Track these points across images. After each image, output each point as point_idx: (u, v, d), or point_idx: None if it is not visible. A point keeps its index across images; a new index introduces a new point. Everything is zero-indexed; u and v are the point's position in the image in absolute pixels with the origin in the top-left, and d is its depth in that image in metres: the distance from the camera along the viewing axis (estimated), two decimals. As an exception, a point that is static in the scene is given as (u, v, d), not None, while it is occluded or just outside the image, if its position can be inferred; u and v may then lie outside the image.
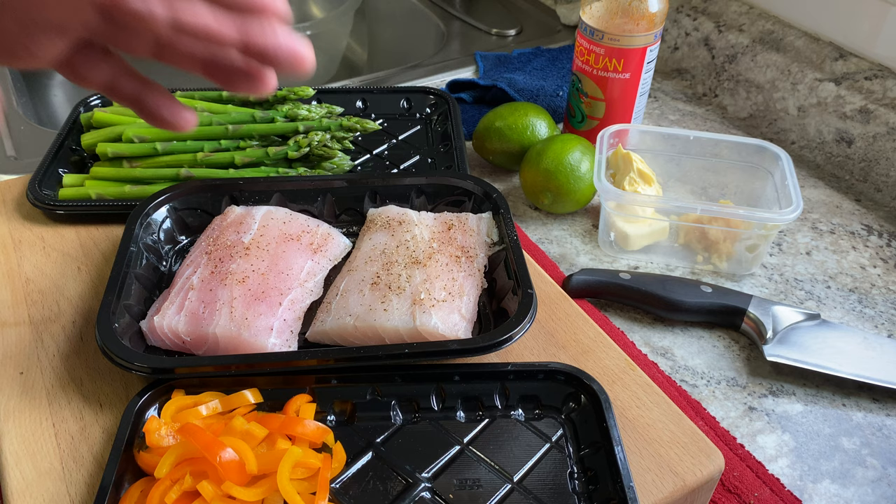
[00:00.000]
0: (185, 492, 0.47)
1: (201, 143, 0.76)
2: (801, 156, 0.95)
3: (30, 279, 0.66)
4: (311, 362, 0.54)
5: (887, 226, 0.84)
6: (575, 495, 0.50)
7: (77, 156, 0.79)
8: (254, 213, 0.67)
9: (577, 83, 0.87)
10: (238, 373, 0.54)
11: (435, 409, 0.55)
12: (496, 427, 0.54)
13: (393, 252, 0.63)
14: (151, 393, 0.53)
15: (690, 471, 0.52)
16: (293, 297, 0.61)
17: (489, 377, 0.56)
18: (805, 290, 0.75)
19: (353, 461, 0.51)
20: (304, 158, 0.77)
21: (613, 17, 0.80)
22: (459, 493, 0.50)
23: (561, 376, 0.56)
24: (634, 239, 0.76)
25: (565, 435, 0.54)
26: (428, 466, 0.51)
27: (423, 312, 0.57)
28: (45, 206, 0.71)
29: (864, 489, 0.58)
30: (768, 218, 0.70)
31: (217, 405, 0.53)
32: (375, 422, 0.54)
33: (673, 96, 1.06)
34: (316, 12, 1.46)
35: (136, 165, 0.75)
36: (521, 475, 0.51)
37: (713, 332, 0.70)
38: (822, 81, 0.91)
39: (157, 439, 0.49)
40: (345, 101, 0.88)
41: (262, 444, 0.50)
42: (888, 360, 0.66)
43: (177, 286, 0.61)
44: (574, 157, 0.78)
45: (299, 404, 0.53)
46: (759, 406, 0.64)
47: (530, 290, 0.58)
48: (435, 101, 0.89)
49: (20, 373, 0.58)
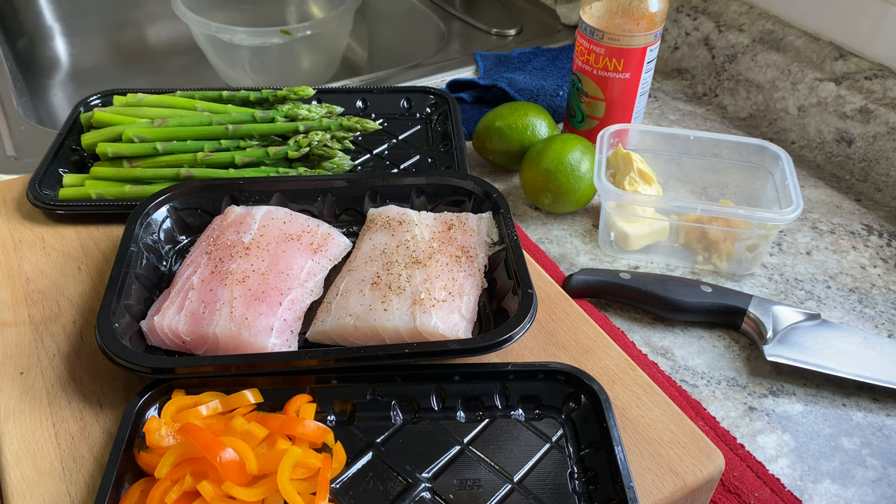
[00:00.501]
0: (185, 492, 0.47)
1: (201, 143, 0.76)
2: (801, 156, 0.95)
3: (30, 279, 0.66)
4: (311, 362, 0.54)
5: (887, 226, 0.84)
6: (575, 495, 0.50)
7: (77, 156, 0.79)
8: (254, 212, 0.67)
9: (577, 83, 0.87)
10: (238, 373, 0.54)
11: (435, 409, 0.55)
12: (496, 427, 0.54)
13: (393, 252, 0.63)
14: (151, 393, 0.53)
15: (690, 471, 0.52)
16: (293, 296, 0.61)
17: (489, 377, 0.56)
18: (805, 290, 0.75)
19: (353, 461, 0.51)
20: (304, 158, 0.77)
21: (613, 17, 0.80)
22: (460, 494, 0.50)
23: (561, 376, 0.56)
24: (634, 239, 0.76)
25: (565, 435, 0.54)
26: (428, 466, 0.51)
27: (423, 312, 0.57)
28: (45, 205, 0.71)
29: (864, 489, 0.58)
30: (768, 218, 0.70)
31: (217, 405, 0.53)
32: (375, 422, 0.54)
33: (673, 96, 1.06)
34: (316, 12, 1.46)
35: (136, 165, 0.75)
36: (522, 475, 0.51)
37: (713, 332, 0.70)
38: (822, 81, 0.91)
39: (157, 439, 0.49)
40: (345, 101, 0.88)
41: (262, 445, 0.50)
42: (888, 360, 0.66)
43: (177, 286, 0.61)
44: (574, 156, 0.78)
45: (299, 404, 0.53)
46: (759, 406, 0.64)
47: (530, 290, 0.58)
48: (435, 101, 0.89)
49: (20, 373, 0.58)
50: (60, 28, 1.41)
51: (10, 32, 1.35)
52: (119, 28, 1.46)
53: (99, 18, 1.43)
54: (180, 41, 1.47)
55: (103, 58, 1.44)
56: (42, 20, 1.40)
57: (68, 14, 1.41)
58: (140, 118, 0.78)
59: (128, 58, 1.46)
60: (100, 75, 1.42)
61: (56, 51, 1.41)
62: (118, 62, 1.45)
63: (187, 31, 1.34)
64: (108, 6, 1.44)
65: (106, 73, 1.42)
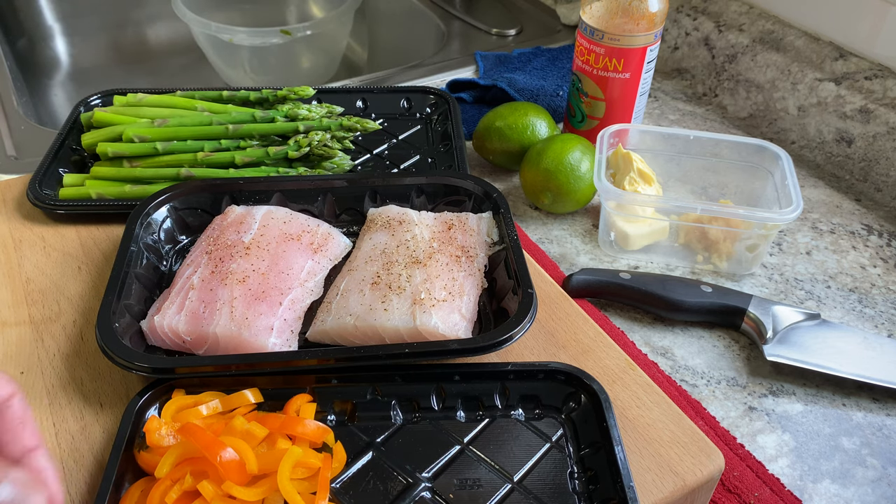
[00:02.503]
0: (185, 491, 0.47)
1: (202, 143, 0.76)
2: (801, 156, 0.95)
3: (30, 279, 0.66)
4: (311, 362, 0.54)
5: (887, 226, 0.84)
6: (575, 495, 0.50)
7: (77, 155, 0.79)
8: (254, 212, 0.67)
9: (577, 83, 0.87)
10: (238, 373, 0.54)
11: (435, 408, 0.55)
12: (496, 427, 0.54)
13: (393, 252, 0.63)
14: (152, 393, 0.53)
15: (690, 471, 0.52)
16: (293, 296, 0.61)
17: (489, 377, 0.56)
18: (805, 290, 0.75)
19: (353, 461, 0.51)
20: (304, 158, 0.77)
21: (613, 17, 0.80)
22: (459, 493, 0.50)
23: (561, 376, 0.56)
24: (634, 239, 0.76)
25: (565, 435, 0.54)
26: (428, 466, 0.51)
27: (423, 312, 0.57)
28: (46, 205, 0.71)
29: (864, 489, 0.58)
30: (768, 218, 0.70)
31: (217, 405, 0.53)
32: (375, 421, 0.54)
33: (673, 96, 1.06)
34: (316, 12, 1.46)
35: (136, 165, 0.75)
36: (522, 475, 0.51)
37: (713, 332, 0.70)
38: (822, 81, 0.91)
39: (157, 439, 0.49)
40: (345, 101, 0.88)
41: (262, 444, 0.50)
42: (888, 360, 0.66)
43: (177, 286, 0.61)
44: (574, 156, 0.78)
45: (299, 404, 0.53)
46: (759, 406, 0.64)
47: (530, 290, 0.58)
48: (435, 101, 0.89)
49: (21, 372, 0.58)
50: (60, 28, 1.41)
51: (10, 32, 1.35)
52: (119, 28, 1.46)
53: (99, 18, 1.43)
54: (180, 41, 1.47)
55: (103, 58, 1.44)
56: (42, 20, 1.40)
57: (68, 14, 1.41)
58: (140, 118, 0.78)
59: (128, 58, 1.46)
60: (100, 75, 1.42)
61: (56, 51, 1.41)
62: (118, 62, 1.45)
63: (187, 31, 1.34)
64: (108, 6, 1.44)
65: (106, 73, 1.42)
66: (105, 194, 0.73)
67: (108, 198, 0.73)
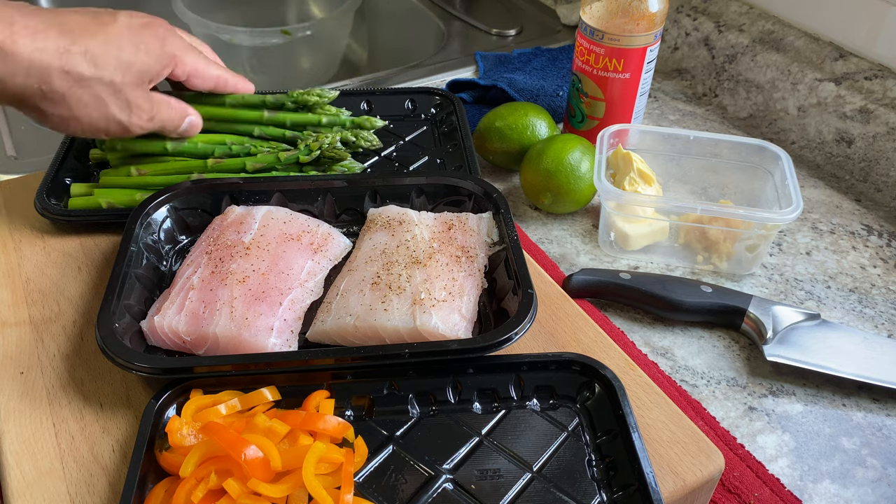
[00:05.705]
0: (210, 490, 0.47)
1: (212, 147, 0.74)
2: (801, 156, 0.95)
3: (30, 279, 0.66)
4: (313, 362, 0.54)
5: (887, 226, 0.84)
6: (594, 482, 0.51)
7: (83, 162, 0.78)
8: (254, 212, 0.67)
9: (577, 83, 0.87)
10: (237, 372, 0.54)
11: (451, 401, 0.56)
12: (512, 417, 0.55)
13: (393, 252, 0.64)
14: (169, 393, 0.53)
15: (690, 471, 0.52)
16: (293, 296, 0.61)
17: (503, 369, 0.56)
18: (805, 290, 0.75)
19: (373, 455, 0.52)
20: (314, 162, 0.76)
21: (613, 17, 0.80)
22: (481, 484, 0.50)
23: (575, 366, 0.56)
24: (634, 239, 0.76)
25: (581, 423, 0.55)
26: (448, 458, 0.52)
27: (423, 312, 0.57)
28: (55, 216, 0.70)
29: (864, 489, 0.58)
30: (768, 218, 0.70)
31: (236, 403, 0.53)
32: (393, 416, 0.55)
33: (673, 96, 1.06)
34: (316, 12, 1.46)
35: (144, 172, 0.73)
36: (541, 464, 0.52)
37: (713, 332, 0.70)
38: (822, 81, 0.91)
39: (179, 439, 0.49)
40: (349, 103, 0.87)
41: (283, 441, 0.50)
42: (888, 360, 0.66)
43: (177, 286, 0.61)
44: (574, 157, 0.78)
45: (319, 400, 0.53)
46: (759, 406, 0.64)
47: (530, 290, 0.58)
48: (440, 102, 0.89)
49: (20, 373, 0.58)
50: (60, 28, 1.41)
51: (10, 32, 1.34)
52: (119, 28, 1.45)
53: (99, 18, 1.43)
54: (180, 41, 1.46)
55: (103, 58, 1.44)
56: (42, 20, 1.39)
57: (68, 14, 1.40)
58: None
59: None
60: (100, 75, 1.41)
61: (56, 51, 1.41)
62: (118, 62, 1.44)
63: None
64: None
65: (106, 73, 1.42)
66: (115, 203, 0.71)
67: (118, 207, 0.71)
